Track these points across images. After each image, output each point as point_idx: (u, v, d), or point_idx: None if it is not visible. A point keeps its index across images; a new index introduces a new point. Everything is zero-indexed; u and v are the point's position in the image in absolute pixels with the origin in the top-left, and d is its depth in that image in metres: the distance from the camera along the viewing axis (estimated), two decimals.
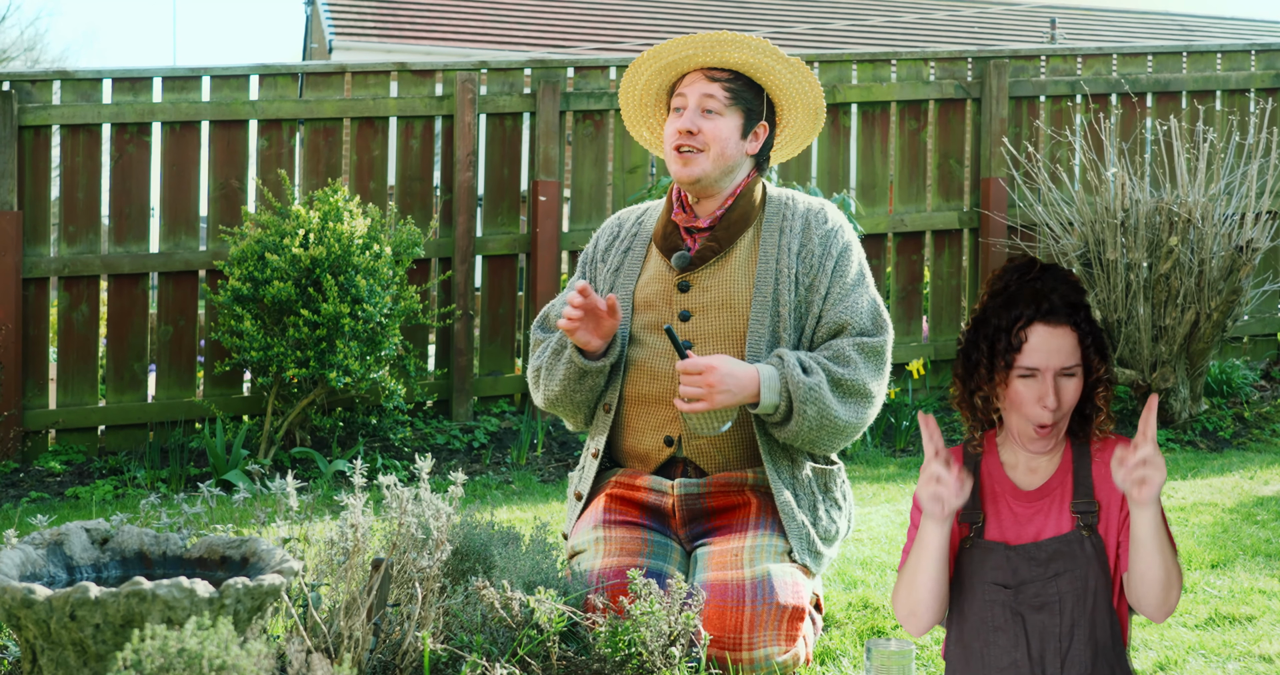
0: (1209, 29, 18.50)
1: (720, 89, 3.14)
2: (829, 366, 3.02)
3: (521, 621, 2.63)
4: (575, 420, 3.27)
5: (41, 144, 5.91)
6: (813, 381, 2.97)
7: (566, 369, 3.13)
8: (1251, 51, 7.42)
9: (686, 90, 3.17)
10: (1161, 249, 5.77)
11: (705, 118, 3.14)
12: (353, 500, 2.63)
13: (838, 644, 3.03)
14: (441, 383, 6.31)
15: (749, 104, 3.17)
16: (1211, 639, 3.02)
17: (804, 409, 2.97)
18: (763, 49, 3.13)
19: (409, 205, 6.37)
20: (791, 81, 3.18)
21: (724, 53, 3.13)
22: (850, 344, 3.06)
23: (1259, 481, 4.94)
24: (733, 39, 3.11)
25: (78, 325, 5.94)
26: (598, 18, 16.27)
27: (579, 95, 6.52)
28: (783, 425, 3.02)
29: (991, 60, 6.92)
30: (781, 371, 2.98)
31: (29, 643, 2.30)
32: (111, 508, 5.00)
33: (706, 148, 3.12)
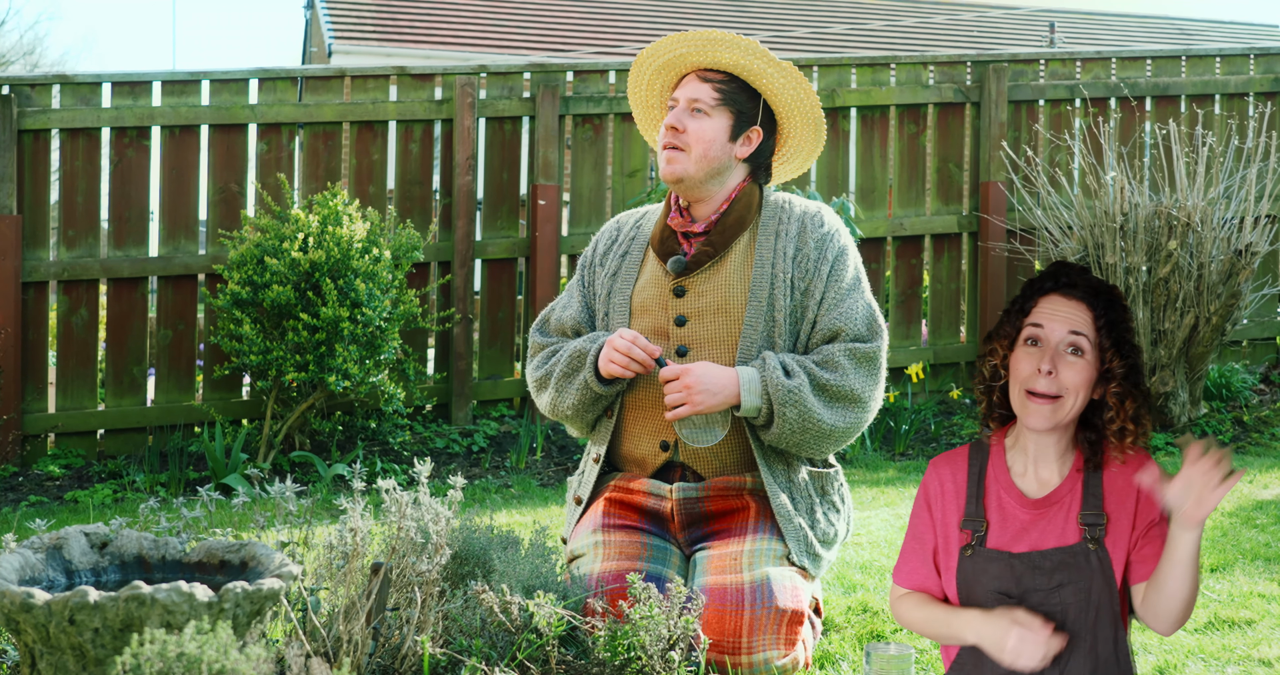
0: (1208, 33, 18.52)
1: (710, 89, 3.14)
2: (813, 370, 3.01)
3: (521, 626, 2.63)
4: (582, 430, 3.28)
5: (41, 148, 5.92)
6: (793, 384, 2.97)
7: (581, 394, 3.13)
8: (1250, 56, 7.42)
9: (679, 91, 3.18)
10: (1160, 253, 5.78)
11: (692, 117, 3.13)
12: (352, 504, 2.63)
13: (837, 648, 3.03)
14: (441, 387, 6.31)
15: (740, 106, 3.15)
16: (1211, 643, 3.02)
17: (784, 412, 2.97)
18: (754, 51, 3.12)
19: (408, 209, 6.37)
20: (785, 87, 3.16)
21: (716, 52, 3.12)
22: (841, 350, 3.05)
23: (1258, 485, 4.94)
24: (724, 39, 3.11)
25: (77, 329, 5.94)
26: (597, 22, 16.28)
27: (578, 99, 6.53)
28: (766, 428, 3.03)
29: (990, 64, 6.93)
30: (762, 374, 2.99)
31: (28, 647, 2.30)
32: (110, 512, 5.00)
33: (689, 147, 3.12)
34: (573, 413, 3.18)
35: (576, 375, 3.14)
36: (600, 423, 3.22)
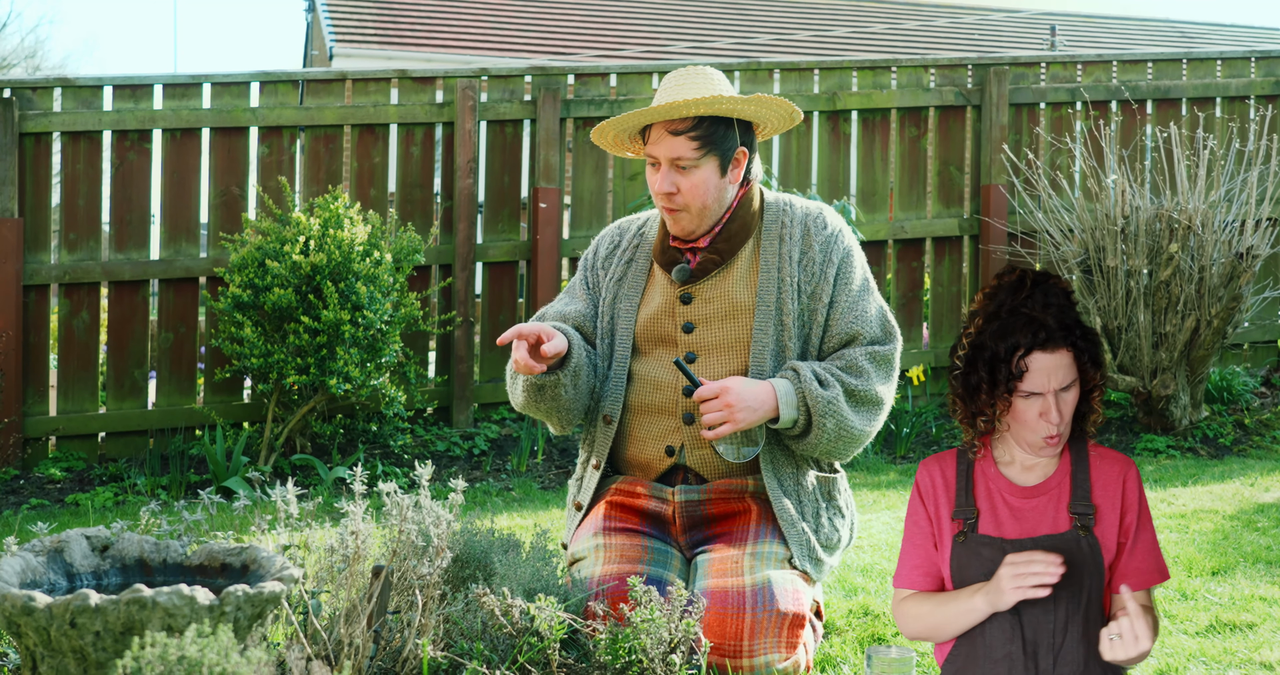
0: (1209, 36, 18.52)
1: (686, 144, 3.04)
2: (843, 378, 3.03)
3: (522, 629, 2.63)
4: (552, 426, 3.26)
5: (42, 151, 5.92)
6: (830, 395, 2.99)
7: (524, 383, 3.12)
8: (1251, 58, 7.42)
9: (655, 150, 3.08)
10: (1162, 256, 5.77)
11: (681, 175, 3.06)
12: (353, 507, 2.63)
13: (838, 651, 3.03)
14: (442, 390, 6.31)
15: (720, 145, 3.08)
16: (1212, 646, 3.02)
17: (823, 422, 2.99)
18: (719, 101, 3.03)
19: (409, 212, 6.37)
20: (758, 112, 3.13)
21: (682, 112, 3.04)
22: (863, 354, 3.08)
23: (1260, 488, 4.94)
24: (686, 103, 3.01)
25: (78, 332, 5.94)
26: (598, 25, 16.29)
27: (579, 102, 6.53)
28: (801, 438, 3.04)
29: (992, 67, 6.93)
30: (798, 386, 2.99)
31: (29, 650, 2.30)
32: (112, 515, 5.00)
33: (688, 206, 3.08)
34: (524, 403, 3.15)
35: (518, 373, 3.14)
36: (599, 429, 3.22)
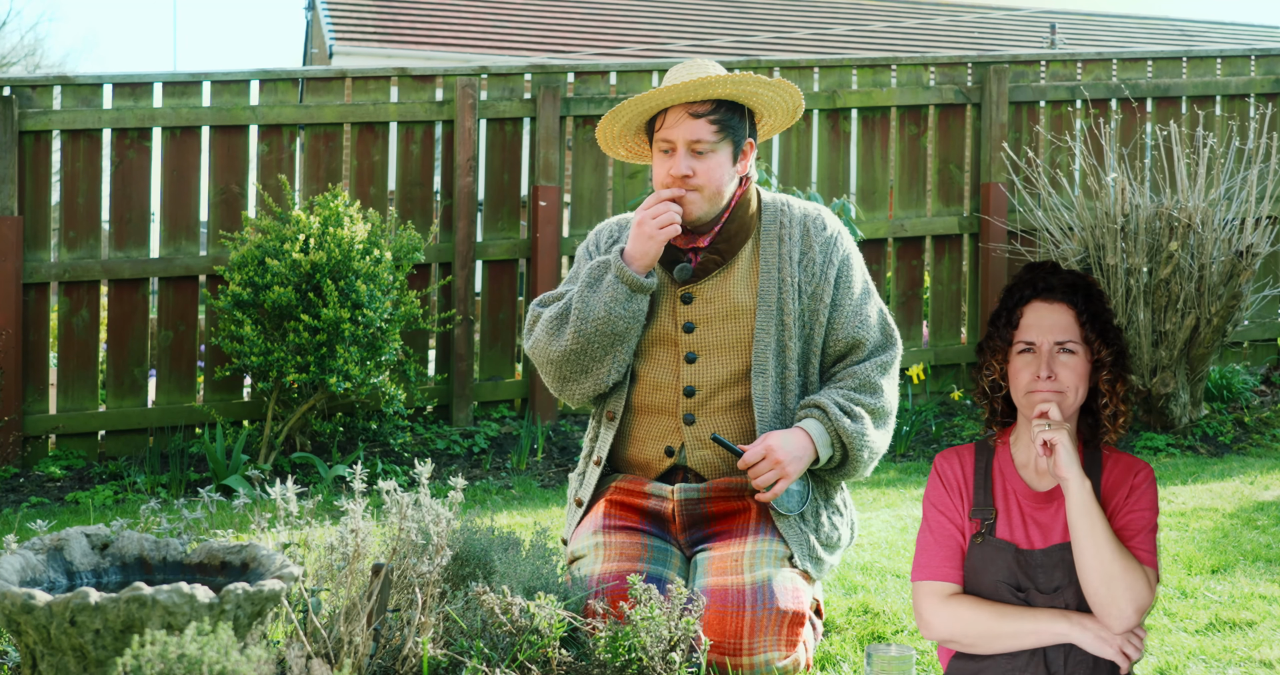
0: (1209, 34, 18.51)
1: (706, 126, 3.06)
2: (864, 401, 3.09)
3: (521, 627, 2.63)
4: (593, 378, 3.11)
5: (42, 149, 5.92)
6: (859, 427, 3.06)
7: (613, 291, 3.02)
8: (1251, 56, 7.42)
9: (672, 133, 3.07)
10: (1161, 254, 5.77)
11: (697, 159, 3.07)
12: (353, 505, 2.63)
13: (838, 649, 3.03)
14: (442, 388, 6.31)
15: (736, 133, 3.11)
16: (1212, 644, 3.02)
17: (859, 455, 3.07)
18: (745, 80, 3.07)
19: (409, 210, 6.37)
20: (775, 99, 3.16)
21: (708, 92, 3.06)
22: (873, 367, 3.13)
23: (1259, 486, 4.94)
24: (715, 80, 3.03)
25: (78, 330, 5.94)
26: (598, 23, 16.28)
27: (579, 100, 6.53)
28: (837, 470, 3.12)
29: (991, 65, 6.93)
30: (828, 424, 3.04)
31: (29, 648, 2.30)
32: (111, 513, 5.00)
33: (702, 188, 3.07)
34: (602, 323, 3.01)
35: (603, 279, 3.07)
36: (602, 425, 3.22)
